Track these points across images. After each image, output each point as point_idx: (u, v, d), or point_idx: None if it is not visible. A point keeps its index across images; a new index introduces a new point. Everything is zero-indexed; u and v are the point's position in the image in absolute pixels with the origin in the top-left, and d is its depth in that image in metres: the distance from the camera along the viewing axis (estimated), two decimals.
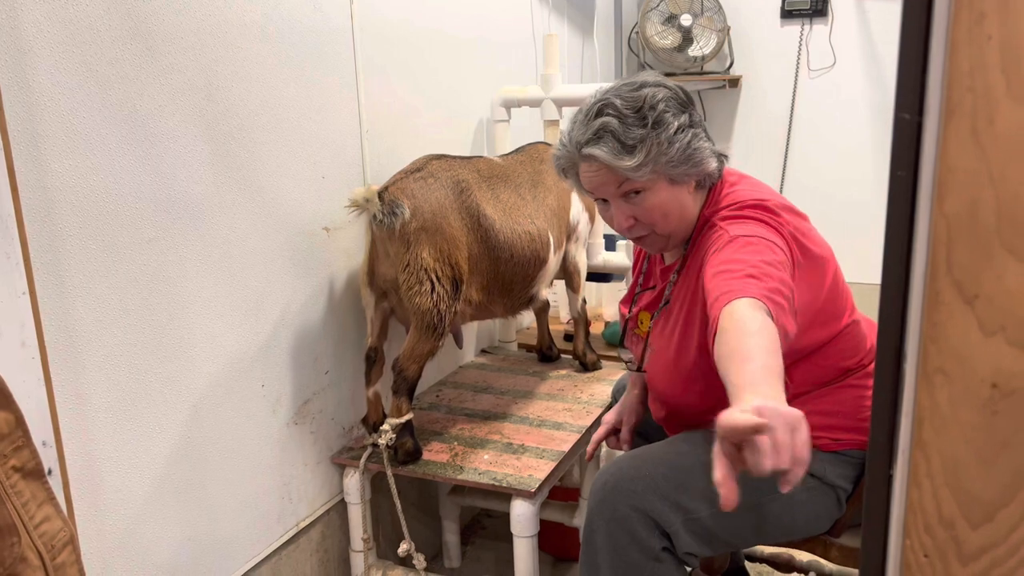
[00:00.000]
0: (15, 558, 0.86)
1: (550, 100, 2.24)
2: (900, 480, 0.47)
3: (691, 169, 1.31)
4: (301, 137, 1.64)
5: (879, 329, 0.49)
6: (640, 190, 1.32)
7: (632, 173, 1.28)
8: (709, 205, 1.37)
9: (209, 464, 1.48)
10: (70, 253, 1.18)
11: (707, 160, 1.32)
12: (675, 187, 1.33)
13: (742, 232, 1.25)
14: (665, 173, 1.30)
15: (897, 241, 0.48)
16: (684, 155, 1.29)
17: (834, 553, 1.47)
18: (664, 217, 1.34)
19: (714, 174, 1.36)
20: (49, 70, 1.13)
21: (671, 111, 1.29)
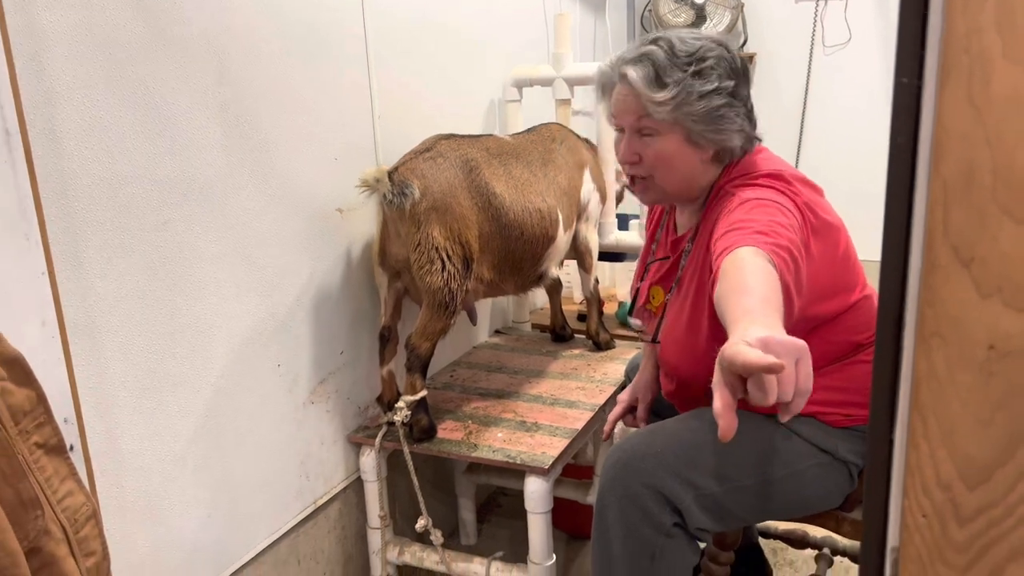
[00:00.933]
0: (39, 531, 0.89)
1: (561, 79, 2.23)
2: (900, 444, 0.47)
3: (711, 133, 1.30)
4: (313, 119, 1.65)
5: (879, 296, 0.50)
6: (654, 132, 1.31)
7: (654, 108, 1.28)
8: (724, 176, 1.36)
9: (227, 442, 1.50)
10: (87, 235, 1.20)
11: (731, 133, 1.31)
12: (689, 147, 1.31)
13: (754, 196, 1.24)
14: (684, 126, 1.29)
15: (896, 207, 0.48)
16: (709, 116, 1.28)
17: (846, 527, 1.48)
18: (667, 169, 1.33)
19: (735, 151, 1.34)
20: (64, 54, 1.14)
21: (718, 71, 1.28)
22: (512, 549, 2.16)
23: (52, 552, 0.90)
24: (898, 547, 0.48)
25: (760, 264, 1.06)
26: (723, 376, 0.87)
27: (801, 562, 2.10)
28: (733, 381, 0.87)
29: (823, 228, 1.29)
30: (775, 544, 2.07)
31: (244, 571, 1.57)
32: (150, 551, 1.36)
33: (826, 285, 1.31)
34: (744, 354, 0.82)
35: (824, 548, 1.85)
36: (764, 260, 1.07)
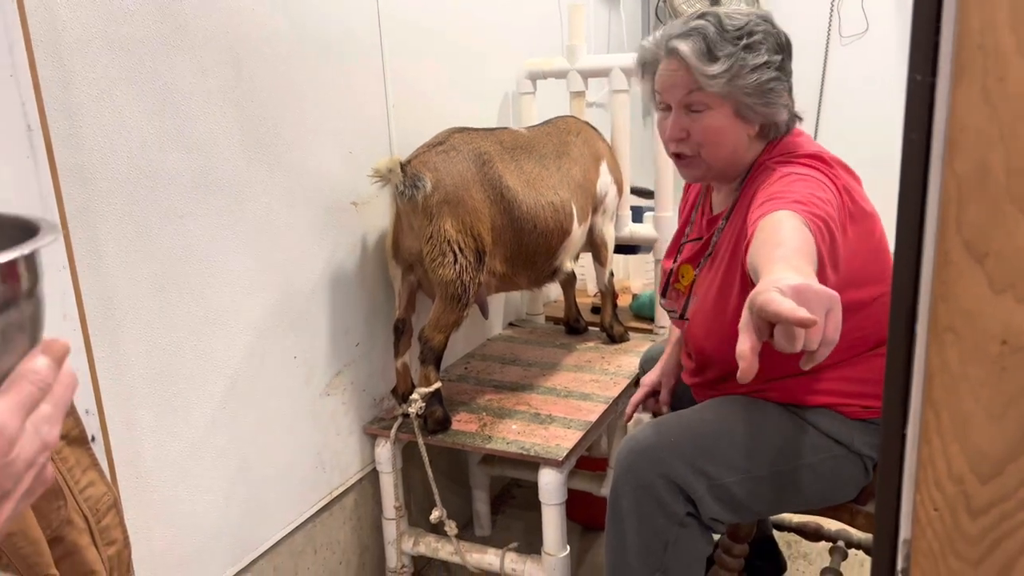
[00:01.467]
0: (61, 520, 0.90)
1: (576, 71, 2.23)
2: (912, 438, 0.48)
3: (761, 107, 1.31)
4: (328, 112, 1.66)
5: (892, 290, 0.50)
6: (703, 108, 1.32)
7: (707, 81, 1.28)
8: (765, 153, 1.37)
9: (245, 433, 1.52)
10: (106, 229, 1.22)
11: (779, 107, 1.32)
12: (738, 121, 1.32)
13: (793, 171, 1.25)
14: (735, 99, 1.30)
15: (910, 202, 0.48)
16: (760, 89, 1.29)
17: (860, 521, 1.48)
18: (715, 144, 1.34)
19: (780, 126, 1.36)
20: (83, 49, 1.15)
21: (766, 45, 1.30)
22: (526, 540, 2.17)
23: (74, 541, 0.92)
24: (910, 539, 0.48)
25: (795, 224, 1.07)
26: (751, 319, 0.87)
27: (815, 554, 2.10)
28: (761, 325, 0.86)
29: (860, 215, 1.29)
30: (789, 536, 2.07)
31: (261, 561, 1.59)
32: (169, 540, 1.38)
33: (858, 272, 1.30)
34: (776, 303, 0.81)
35: (839, 541, 1.85)
36: (800, 222, 1.08)
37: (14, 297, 0.49)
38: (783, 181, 1.23)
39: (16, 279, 0.49)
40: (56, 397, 0.52)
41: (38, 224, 0.54)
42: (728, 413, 1.38)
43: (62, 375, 0.53)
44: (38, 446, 0.51)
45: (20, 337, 0.50)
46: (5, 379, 0.50)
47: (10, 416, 0.48)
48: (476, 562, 1.79)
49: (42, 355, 0.52)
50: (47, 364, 0.51)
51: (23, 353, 0.51)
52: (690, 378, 1.55)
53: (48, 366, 0.51)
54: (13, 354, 0.50)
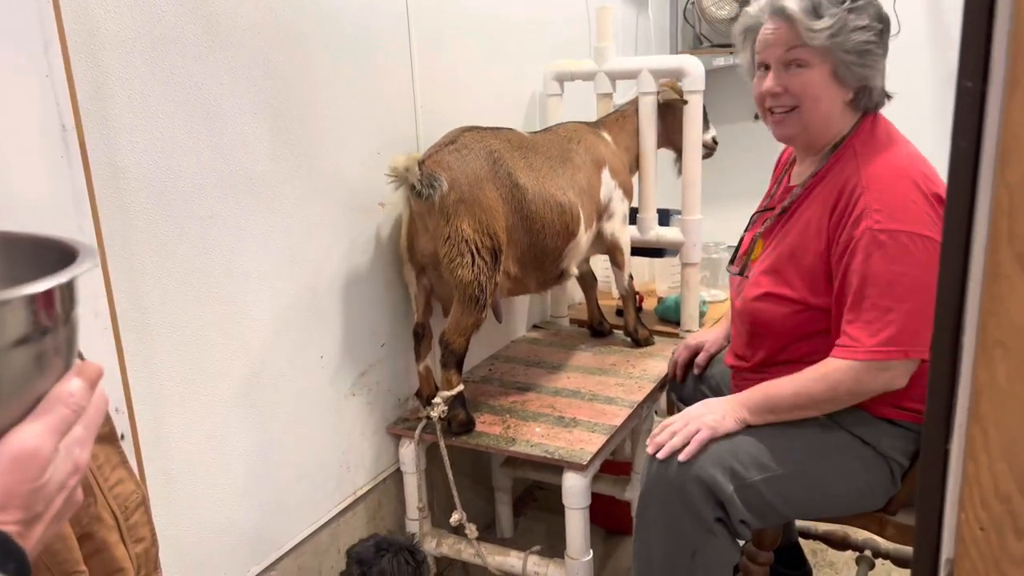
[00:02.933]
0: (91, 518, 0.91)
1: (603, 73, 2.22)
2: (956, 454, 0.47)
3: (858, 67, 1.34)
4: (357, 113, 1.66)
5: (937, 302, 0.49)
6: (804, 64, 1.35)
7: (810, 35, 1.32)
8: (855, 133, 1.40)
9: (272, 432, 1.53)
10: (137, 228, 1.23)
11: (875, 74, 1.37)
12: (834, 84, 1.36)
13: (896, 228, 1.27)
14: (835, 58, 1.33)
15: (957, 212, 0.47)
16: (861, 50, 1.33)
17: (890, 531, 1.46)
18: (813, 101, 1.37)
19: (873, 95, 1.39)
20: (117, 50, 1.16)
21: (869, 12, 1.34)
22: (549, 543, 2.16)
23: (104, 538, 0.92)
24: (953, 559, 0.47)
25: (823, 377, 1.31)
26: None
27: (841, 564, 2.07)
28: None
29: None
30: (815, 545, 2.05)
31: (286, 559, 1.60)
32: (195, 538, 1.39)
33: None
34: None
35: (866, 550, 1.82)
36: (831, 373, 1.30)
37: (52, 324, 0.49)
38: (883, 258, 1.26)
39: (52, 307, 0.49)
40: (89, 419, 0.53)
41: (76, 249, 0.54)
42: None
43: (95, 398, 0.53)
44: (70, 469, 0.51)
45: (56, 361, 0.50)
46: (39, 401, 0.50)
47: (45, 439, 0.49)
48: (498, 564, 1.78)
49: (76, 378, 0.52)
50: (81, 387, 0.52)
51: (58, 376, 0.51)
52: (735, 359, 1.54)
53: (82, 389, 0.52)
54: (49, 378, 0.50)
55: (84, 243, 0.55)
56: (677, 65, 2.09)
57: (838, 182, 1.35)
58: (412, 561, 1.49)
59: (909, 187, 1.29)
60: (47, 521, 0.50)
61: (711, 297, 2.51)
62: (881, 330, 1.24)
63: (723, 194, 2.82)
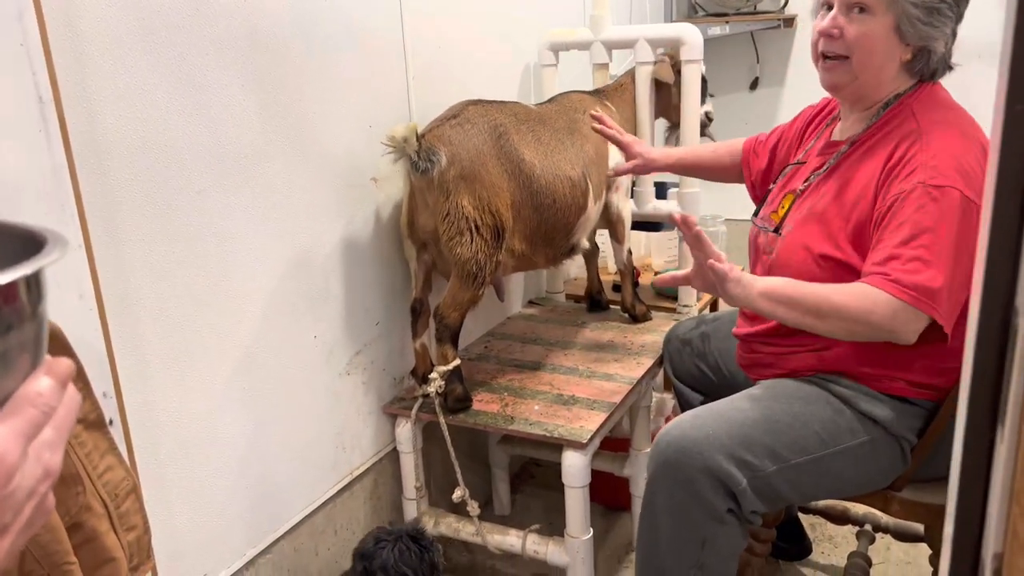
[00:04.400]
0: (80, 506, 0.88)
1: (600, 43, 2.16)
2: (1008, 443, 0.44)
3: (923, 25, 1.28)
4: (347, 86, 1.61)
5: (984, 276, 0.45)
6: (868, 9, 1.29)
7: None
8: (918, 95, 1.34)
9: (265, 414, 1.49)
10: (122, 205, 1.18)
11: (939, 36, 1.30)
12: (894, 37, 1.30)
13: (949, 184, 1.21)
14: (901, 8, 1.27)
15: (1011, 181, 0.43)
16: (930, 6, 1.27)
17: (895, 507, 1.44)
18: (867, 53, 1.31)
19: (932, 59, 1.32)
20: (97, 18, 1.11)
21: None
22: (547, 519, 2.15)
23: (93, 527, 0.90)
24: (1001, 554, 0.45)
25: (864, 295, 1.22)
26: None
27: (840, 537, 2.07)
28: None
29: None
30: (814, 519, 2.04)
31: (282, 541, 1.57)
32: (188, 523, 1.36)
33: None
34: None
35: (866, 524, 1.82)
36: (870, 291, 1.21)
37: (16, 319, 0.44)
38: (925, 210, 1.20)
39: (17, 301, 0.44)
40: (59, 421, 0.48)
41: (44, 236, 0.49)
42: (764, 401, 1.34)
43: (65, 398, 0.49)
44: (40, 474, 0.47)
45: (23, 359, 0.46)
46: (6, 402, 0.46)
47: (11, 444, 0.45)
48: (497, 543, 1.76)
49: (45, 376, 0.48)
50: (51, 386, 0.47)
51: (25, 375, 0.47)
52: (749, 324, 1.49)
53: (52, 388, 0.47)
54: (15, 377, 0.45)
55: (53, 230, 0.50)
56: (675, 34, 2.04)
57: (892, 140, 1.30)
58: (415, 546, 1.47)
59: (968, 152, 1.23)
60: (15, 532, 0.46)
61: None
62: (922, 278, 1.18)
63: None
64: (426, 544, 1.50)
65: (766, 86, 3.79)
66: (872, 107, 1.37)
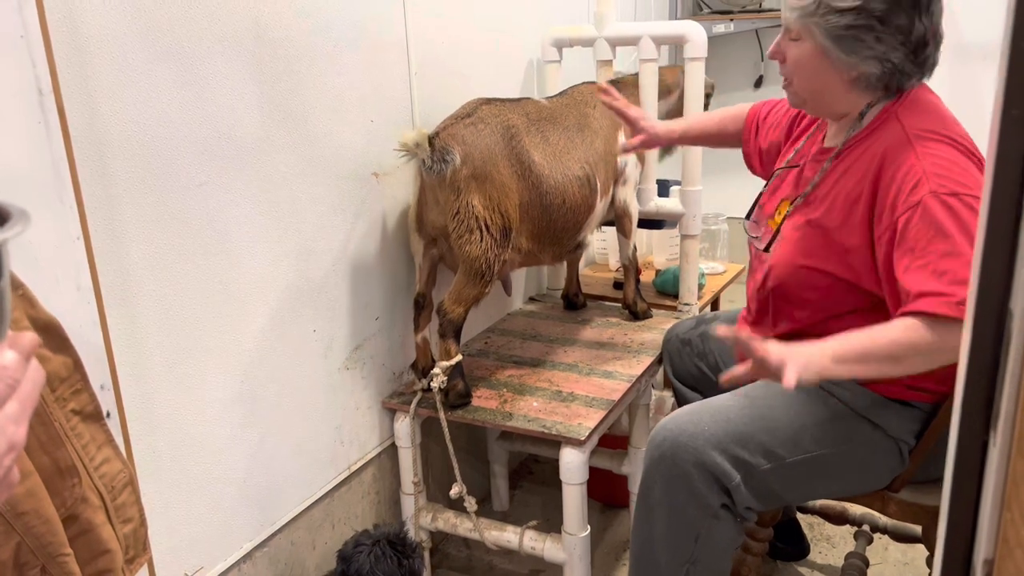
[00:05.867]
0: (76, 498, 0.88)
1: (603, 39, 2.16)
2: (1000, 448, 0.43)
3: (839, 52, 1.25)
4: (349, 79, 1.60)
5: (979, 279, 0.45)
6: (796, 37, 1.29)
7: (788, 10, 1.27)
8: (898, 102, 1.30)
9: (263, 407, 1.49)
10: (122, 197, 1.18)
11: (862, 58, 1.25)
12: (825, 61, 1.28)
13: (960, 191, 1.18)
14: (817, 40, 1.26)
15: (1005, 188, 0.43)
16: (837, 36, 1.24)
17: (892, 508, 1.44)
18: (804, 77, 1.31)
19: (870, 78, 1.28)
20: (99, 14, 1.11)
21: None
22: (545, 515, 2.15)
23: (89, 519, 0.90)
24: (993, 559, 0.44)
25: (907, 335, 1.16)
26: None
27: (838, 538, 2.06)
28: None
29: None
30: (812, 519, 2.04)
31: (279, 535, 1.57)
32: (186, 516, 1.36)
33: None
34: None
35: (863, 525, 1.82)
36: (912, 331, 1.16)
37: None
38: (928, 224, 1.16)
39: None
40: (23, 395, 0.49)
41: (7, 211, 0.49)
42: (762, 399, 1.34)
43: (30, 371, 0.50)
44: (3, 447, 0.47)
45: None
46: None
47: None
48: (495, 539, 1.77)
49: (9, 350, 0.48)
50: (15, 359, 0.48)
51: None
52: (751, 328, 1.49)
53: (15, 361, 0.48)
54: None
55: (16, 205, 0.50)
56: (679, 31, 2.03)
57: (879, 151, 1.27)
58: (392, 552, 1.45)
59: (965, 158, 1.22)
60: None
61: (710, 270, 2.48)
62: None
63: (723, 165, 2.77)
64: (407, 550, 1.48)
65: (770, 84, 3.77)
66: (843, 118, 1.35)
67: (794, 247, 1.35)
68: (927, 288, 1.14)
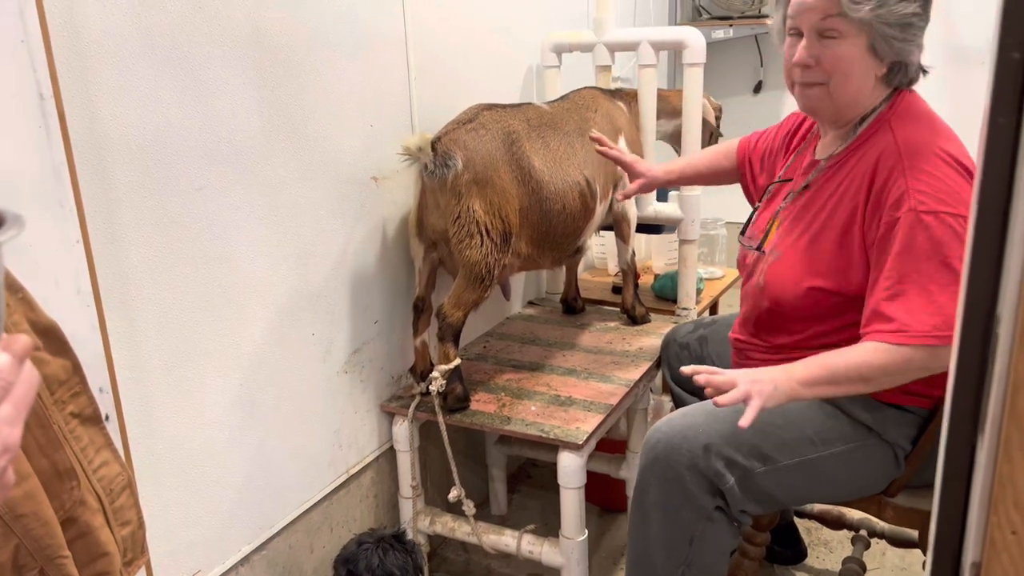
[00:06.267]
0: (74, 501, 0.88)
1: (602, 45, 2.17)
2: (987, 452, 0.44)
3: (898, 41, 1.26)
4: (349, 84, 1.61)
5: (967, 286, 0.46)
6: (838, 36, 1.27)
7: (852, 6, 1.24)
8: (894, 109, 1.32)
9: (262, 411, 1.50)
10: (121, 202, 1.19)
11: (914, 48, 1.28)
12: (869, 58, 1.28)
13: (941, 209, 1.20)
14: (873, 32, 1.26)
15: (993, 195, 0.44)
16: (904, 23, 1.25)
17: (889, 513, 1.44)
18: (844, 77, 1.29)
19: (909, 70, 1.31)
20: (99, 18, 1.11)
21: None
22: (543, 520, 2.16)
23: (88, 522, 0.90)
24: (980, 562, 0.45)
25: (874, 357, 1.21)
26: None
27: (836, 542, 2.07)
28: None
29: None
30: (809, 523, 2.04)
31: (278, 538, 1.58)
32: (184, 520, 1.37)
33: None
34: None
35: (861, 530, 1.82)
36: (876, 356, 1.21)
37: None
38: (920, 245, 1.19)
39: None
40: (17, 397, 0.49)
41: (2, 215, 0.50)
42: None
43: (24, 374, 0.50)
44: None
45: None
46: None
47: None
48: (493, 543, 1.77)
49: (3, 352, 0.48)
50: (8, 362, 0.48)
51: None
52: (744, 336, 1.49)
53: (10, 364, 0.48)
54: None
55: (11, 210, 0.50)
56: (678, 37, 2.04)
57: (872, 159, 1.28)
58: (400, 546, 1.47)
59: (952, 169, 1.22)
60: None
61: (708, 274, 2.49)
62: (933, 315, 1.17)
63: None
64: (409, 546, 1.50)
65: (769, 89, 3.79)
66: (848, 124, 1.36)
67: (786, 262, 1.36)
68: (881, 310, 1.21)
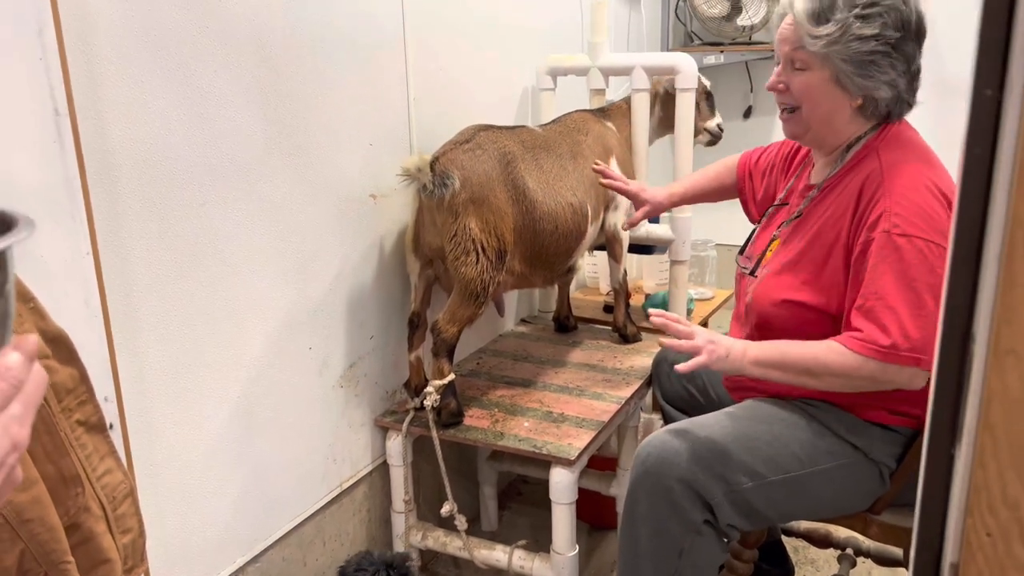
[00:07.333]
0: (79, 508, 0.89)
1: (597, 69, 2.21)
2: (964, 460, 0.47)
3: (858, 77, 1.30)
4: (349, 104, 1.64)
5: (946, 307, 0.49)
6: (804, 67, 1.33)
7: (809, 40, 1.30)
8: (883, 138, 1.36)
9: (258, 424, 1.52)
10: (128, 216, 1.21)
11: (878, 83, 1.31)
12: (836, 89, 1.33)
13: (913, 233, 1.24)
14: (833, 64, 1.30)
15: (969, 220, 0.47)
16: (860, 60, 1.29)
17: (874, 530, 1.47)
18: (813, 104, 1.35)
19: (880, 105, 1.34)
20: (111, 37, 1.15)
21: (884, 19, 1.28)
22: (533, 536, 2.17)
23: (91, 528, 0.91)
24: (958, 563, 0.48)
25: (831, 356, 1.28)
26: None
27: (823, 561, 2.09)
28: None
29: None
30: (797, 542, 2.07)
31: (271, 551, 1.59)
32: (180, 529, 1.38)
33: None
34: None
35: (847, 548, 1.84)
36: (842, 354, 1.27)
37: None
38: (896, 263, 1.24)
39: None
40: (27, 396, 0.50)
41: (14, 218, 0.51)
42: (745, 420, 1.37)
43: (33, 373, 0.51)
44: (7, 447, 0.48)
45: None
46: None
47: None
48: (484, 558, 1.78)
49: (14, 351, 0.49)
50: (19, 361, 0.49)
51: None
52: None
53: (20, 363, 0.49)
54: None
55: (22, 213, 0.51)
56: (671, 62, 2.09)
57: (858, 183, 1.33)
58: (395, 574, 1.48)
59: (931, 197, 1.27)
60: None
61: (698, 295, 2.52)
62: (894, 334, 1.22)
63: None
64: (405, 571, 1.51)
65: (759, 115, 3.85)
66: (835, 151, 1.41)
67: (772, 280, 1.41)
68: (851, 321, 1.27)
